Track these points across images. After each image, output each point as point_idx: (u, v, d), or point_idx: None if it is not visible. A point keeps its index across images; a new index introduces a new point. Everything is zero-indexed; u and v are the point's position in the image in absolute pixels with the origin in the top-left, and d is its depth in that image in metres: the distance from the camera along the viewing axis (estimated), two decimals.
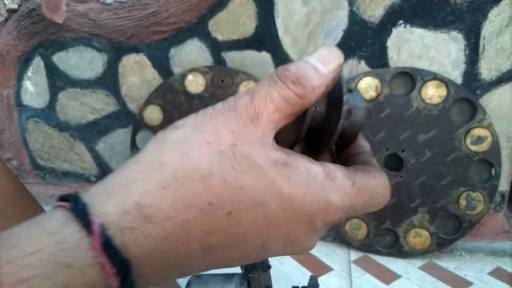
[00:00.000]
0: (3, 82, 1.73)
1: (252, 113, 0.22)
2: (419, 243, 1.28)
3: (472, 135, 1.21)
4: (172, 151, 0.22)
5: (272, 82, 0.22)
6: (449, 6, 1.20)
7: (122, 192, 0.20)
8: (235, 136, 0.22)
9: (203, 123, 0.22)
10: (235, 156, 0.21)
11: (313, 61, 0.22)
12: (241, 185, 0.21)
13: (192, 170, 0.21)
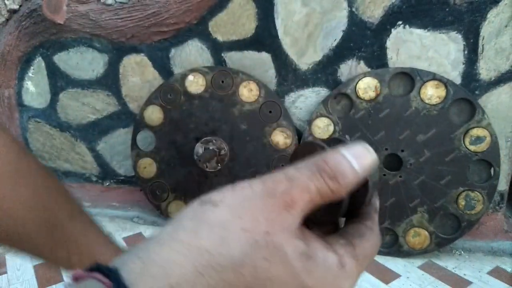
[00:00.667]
0: (4, 82, 1.73)
1: (288, 201, 0.23)
2: (418, 243, 1.28)
3: (471, 135, 1.21)
4: (211, 234, 0.22)
5: (311, 174, 0.23)
6: (448, 6, 1.20)
7: (161, 275, 0.21)
8: (270, 224, 0.22)
9: (242, 207, 0.23)
10: (267, 246, 0.22)
11: (350, 158, 0.23)
12: (269, 276, 0.22)
13: (228, 259, 0.22)
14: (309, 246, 0.23)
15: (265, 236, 0.22)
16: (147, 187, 1.53)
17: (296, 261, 0.22)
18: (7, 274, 1.30)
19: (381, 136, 1.27)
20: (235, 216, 0.22)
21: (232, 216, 0.22)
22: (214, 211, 0.23)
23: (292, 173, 0.23)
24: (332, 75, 1.36)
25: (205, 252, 0.21)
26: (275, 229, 0.22)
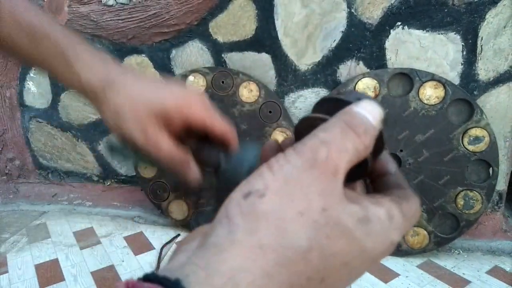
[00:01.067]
0: (6, 82, 1.74)
1: (332, 168, 0.22)
2: (417, 242, 1.29)
3: (470, 135, 1.22)
4: (269, 229, 0.21)
5: (344, 133, 0.22)
6: (447, 7, 1.21)
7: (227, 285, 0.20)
8: (323, 198, 0.21)
9: (289, 189, 0.21)
10: (327, 223, 0.21)
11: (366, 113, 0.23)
12: (334, 252, 0.21)
13: (294, 250, 0.21)
14: (362, 208, 0.22)
15: (323, 213, 0.21)
16: (148, 186, 1.54)
17: (356, 230, 0.22)
18: (8, 273, 1.31)
19: None
20: (286, 201, 0.21)
21: (284, 202, 0.21)
22: (263, 202, 0.21)
23: (324, 135, 0.22)
24: (331, 76, 1.37)
25: (269, 250, 0.20)
26: (330, 202, 0.21)
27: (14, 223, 1.67)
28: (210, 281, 0.19)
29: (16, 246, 1.48)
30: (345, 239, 0.21)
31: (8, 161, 1.87)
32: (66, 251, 1.42)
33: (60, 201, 1.83)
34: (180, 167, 0.45)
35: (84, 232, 1.56)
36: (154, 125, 0.43)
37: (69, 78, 0.47)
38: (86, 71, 0.44)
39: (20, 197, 1.87)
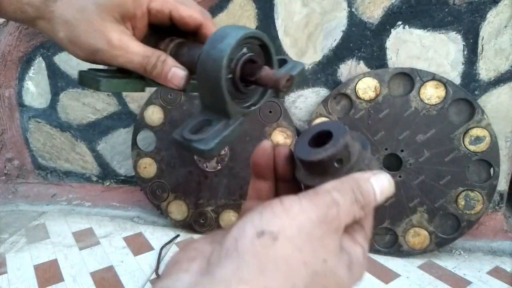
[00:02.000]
0: (4, 82, 1.74)
1: (336, 226, 0.25)
2: (418, 243, 1.28)
3: (471, 135, 1.22)
4: (276, 273, 0.22)
5: (352, 201, 0.25)
6: (448, 7, 1.21)
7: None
8: (326, 251, 0.24)
9: (301, 239, 0.23)
10: (325, 274, 0.24)
11: (377, 190, 0.27)
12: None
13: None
14: (349, 255, 0.26)
15: (323, 264, 0.24)
16: (147, 187, 1.54)
17: (345, 276, 0.25)
18: (7, 274, 1.30)
19: (381, 136, 1.27)
20: (296, 250, 0.23)
21: (294, 251, 0.23)
22: (276, 247, 0.23)
23: (337, 197, 0.25)
24: (332, 75, 1.37)
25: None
26: (330, 255, 0.24)
27: (13, 223, 1.66)
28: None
29: (15, 247, 1.47)
30: (336, 285, 0.24)
31: (7, 161, 1.86)
32: (65, 252, 1.42)
33: (59, 202, 1.82)
34: (158, 68, 0.38)
35: (83, 232, 1.56)
36: (114, 27, 0.37)
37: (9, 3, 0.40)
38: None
39: (19, 197, 1.86)
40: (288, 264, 0.22)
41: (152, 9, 0.38)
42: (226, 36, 0.32)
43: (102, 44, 0.37)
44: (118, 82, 0.39)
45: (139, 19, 0.39)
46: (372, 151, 1.30)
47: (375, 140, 1.28)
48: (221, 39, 0.32)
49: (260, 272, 0.22)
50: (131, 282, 1.21)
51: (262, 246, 0.22)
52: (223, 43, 0.31)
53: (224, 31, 0.33)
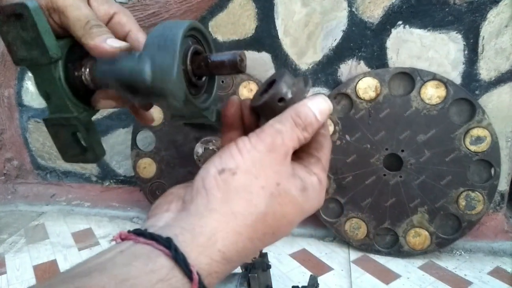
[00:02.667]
0: (4, 82, 1.73)
1: (284, 152, 0.29)
2: (419, 243, 1.28)
3: (472, 135, 1.21)
4: (240, 200, 0.27)
5: (292, 127, 0.30)
6: (448, 6, 1.20)
7: (209, 244, 0.26)
8: (278, 175, 0.28)
9: (255, 169, 0.28)
10: (280, 194, 0.28)
11: (315, 110, 0.30)
12: (284, 214, 0.29)
13: (257, 214, 0.27)
14: (302, 180, 0.30)
15: (277, 187, 0.28)
16: (146, 187, 1.53)
17: (299, 197, 0.29)
18: (7, 274, 1.30)
19: (381, 136, 1.27)
20: (253, 179, 0.28)
21: (251, 179, 0.28)
22: (235, 179, 0.28)
23: (279, 127, 0.29)
24: (332, 75, 1.36)
25: (239, 215, 0.27)
26: (282, 178, 0.29)
27: (12, 223, 1.65)
28: (195, 241, 0.25)
29: (14, 247, 1.46)
30: (291, 205, 0.29)
31: (6, 161, 1.86)
32: (65, 252, 1.41)
33: (58, 202, 1.82)
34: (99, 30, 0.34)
35: (83, 233, 1.55)
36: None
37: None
38: None
39: (18, 197, 1.86)
40: (248, 191, 0.27)
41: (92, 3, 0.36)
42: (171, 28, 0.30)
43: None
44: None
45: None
46: (373, 151, 1.29)
47: (376, 140, 1.28)
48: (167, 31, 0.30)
49: (226, 200, 0.27)
50: None
51: (224, 181, 0.27)
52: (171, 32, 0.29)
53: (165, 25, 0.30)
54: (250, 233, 0.27)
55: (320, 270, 1.24)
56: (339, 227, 1.34)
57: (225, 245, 0.26)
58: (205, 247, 0.25)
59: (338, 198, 1.34)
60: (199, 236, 0.26)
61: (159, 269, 0.24)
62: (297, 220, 0.30)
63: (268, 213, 0.28)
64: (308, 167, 0.32)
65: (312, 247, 1.37)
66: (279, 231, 0.29)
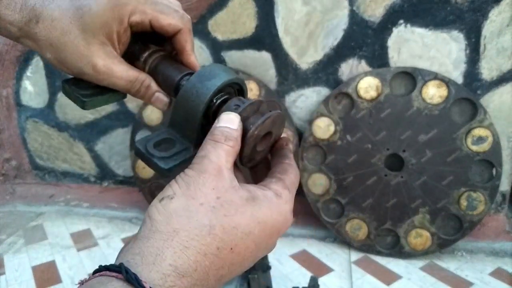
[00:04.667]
0: (2, 82, 1.72)
1: (216, 169, 0.31)
2: (420, 244, 1.27)
3: (473, 135, 1.21)
4: (180, 218, 0.29)
5: (214, 144, 0.32)
6: (450, 5, 1.20)
7: (158, 260, 0.27)
8: (216, 191, 0.30)
9: (190, 190, 0.30)
10: (222, 206, 0.29)
11: (224, 123, 0.33)
12: (234, 225, 0.29)
13: (200, 228, 0.28)
14: (250, 192, 0.31)
15: (218, 201, 0.30)
16: (145, 187, 1.52)
17: (245, 206, 0.30)
18: (5, 275, 1.29)
19: (383, 136, 1.26)
20: (190, 198, 0.29)
21: (188, 199, 0.29)
22: (173, 202, 0.30)
23: (202, 153, 0.32)
24: (333, 75, 1.35)
25: (181, 231, 0.28)
26: (221, 192, 0.30)
27: (11, 224, 1.64)
28: (145, 260, 0.27)
29: (13, 248, 1.45)
30: (239, 214, 0.29)
31: (4, 162, 1.85)
32: (63, 253, 1.40)
33: (57, 202, 1.81)
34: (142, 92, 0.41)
35: (81, 233, 1.54)
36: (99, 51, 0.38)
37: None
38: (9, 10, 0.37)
39: (17, 198, 1.85)
40: (187, 209, 0.29)
41: (132, 22, 0.39)
42: (215, 76, 0.37)
43: (88, 69, 0.38)
44: (101, 99, 0.41)
45: (122, 35, 0.40)
46: (374, 151, 1.29)
47: (377, 140, 1.27)
48: (209, 78, 0.36)
49: (167, 222, 0.29)
50: None
51: (163, 206, 0.29)
52: (211, 82, 0.36)
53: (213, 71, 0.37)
54: (198, 247, 0.28)
55: (321, 271, 1.23)
56: (339, 228, 1.34)
57: (175, 260, 0.27)
58: (155, 264, 0.27)
59: (339, 198, 1.33)
60: (148, 256, 0.27)
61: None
62: (258, 232, 0.30)
63: (215, 226, 0.29)
64: (264, 185, 0.34)
65: (313, 248, 1.37)
66: (238, 246, 0.29)
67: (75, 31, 0.38)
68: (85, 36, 0.38)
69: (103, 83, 0.39)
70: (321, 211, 1.35)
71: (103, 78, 0.38)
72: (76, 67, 0.38)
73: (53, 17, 0.38)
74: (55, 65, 0.39)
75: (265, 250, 0.32)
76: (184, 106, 0.36)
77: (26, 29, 0.37)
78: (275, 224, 0.32)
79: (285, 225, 0.33)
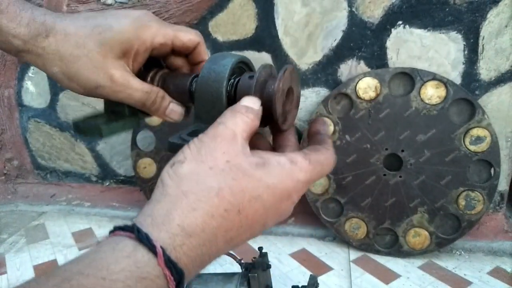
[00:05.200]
0: (4, 82, 1.73)
1: (230, 135, 0.31)
2: (419, 243, 1.28)
3: (471, 135, 1.21)
4: (189, 182, 0.30)
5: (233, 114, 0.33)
6: (448, 6, 1.20)
7: (167, 221, 0.28)
8: (226, 155, 0.30)
9: (201, 155, 0.31)
10: (231, 169, 0.30)
11: (246, 103, 0.34)
12: (242, 188, 0.30)
13: (208, 190, 0.29)
14: (262, 158, 0.32)
15: (227, 164, 0.30)
16: (147, 187, 1.53)
17: (254, 170, 0.30)
18: (7, 274, 1.30)
19: (381, 136, 1.27)
20: (199, 162, 0.30)
21: (198, 164, 0.30)
22: (183, 167, 0.30)
23: (220, 120, 0.33)
24: (332, 75, 1.36)
25: (190, 194, 0.29)
26: (231, 156, 0.30)
27: (13, 223, 1.66)
28: (155, 221, 0.28)
29: (14, 247, 1.47)
30: (248, 178, 0.30)
31: (6, 161, 1.86)
32: (65, 252, 1.41)
33: (58, 202, 1.82)
34: (157, 104, 0.42)
35: (83, 233, 1.55)
36: (116, 64, 0.38)
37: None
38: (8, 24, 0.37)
39: (19, 197, 1.86)
40: (196, 173, 0.30)
41: (156, 44, 0.41)
42: (225, 57, 0.38)
43: (104, 80, 0.39)
44: (117, 126, 0.43)
45: (141, 54, 0.42)
46: (373, 151, 1.29)
47: (376, 140, 1.28)
48: (221, 58, 0.38)
49: (177, 186, 0.30)
50: None
51: (174, 171, 0.30)
52: (225, 60, 0.38)
53: (222, 55, 0.39)
54: (206, 208, 0.29)
55: (320, 270, 1.24)
56: (339, 227, 1.35)
57: (183, 221, 0.28)
58: (164, 224, 0.28)
59: (338, 198, 1.34)
60: (157, 217, 0.28)
61: (123, 248, 0.27)
62: (267, 197, 0.31)
63: (223, 189, 0.29)
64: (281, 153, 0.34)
65: (312, 247, 1.38)
66: (244, 209, 0.30)
67: (91, 45, 0.38)
68: (101, 50, 0.38)
69: (119, 95, 0.39)
70: (320, 210, 1.36)
71: (120, 89, 0.38)
72: (90, 80, 0.38)
73: (66, 32, 0.38)
74: (60, 80, 0.39)
75: (276, 216, 0.33)
76: (206, 90, 0.37)
77: (32, 43, 0.37)
78: (286, 189, 0.32)
79: (297, 192, 0.33)
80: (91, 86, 0.39)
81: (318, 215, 1.36)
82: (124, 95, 0.40)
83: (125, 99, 0.41)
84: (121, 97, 0.40)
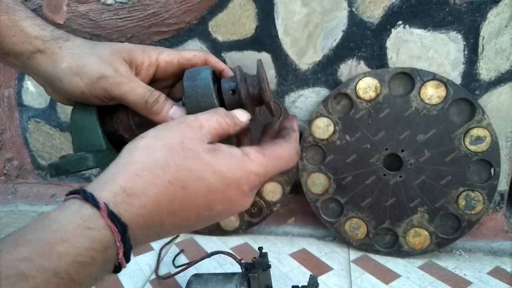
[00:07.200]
0: (4, 82, 1.73)
1: (196, 125, 0.35)
2: (419, 243, 1.28)
3: (471, 135, 1.21)
4: (140, 153, 0.34)
5: (213, 112, 0.36)
6: (448, 6, 1.20)
7: (111, 182, 0.32)
8: (182, 137, 0.34)
9: (160, 133, 0.34)
10: (183, 150, 0.33)
11: (236, 113, 0.38)
12: (189, 167, 0.33)
13: (155, 162, 0.33)
14: (217, 146, 0.35)
15: (180, 144, 0.33)
16: None
17: (205, 154, 0.34)
18: None
19: (381, 136, 1.27)
20: (156, 139, 0.34)
21: (154, 140, 0.34)
22: (141, 141, 0.35)
23: (199, 115, 0.36)
24: (332, 75, 1.36)
25: (137, 163, 0.33)
26: (187, 138, 0.34)
27: (13, 223, 1.65)
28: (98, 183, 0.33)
29: None
30: (197, 160, 0.33)
31: (6, 161, 1.86)
32: None
33: (58, 202, 1.82)
34: (160, 103, 0.48)
35: None
36: (123, 63, 0.46)
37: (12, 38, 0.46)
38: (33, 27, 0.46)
39: (19, 197, 1.86)
40: (149, 147, 0.33)
41: (161, 61, 0.48)
42: (200, 71, 0.43)
43: (109, 71, 0.46)
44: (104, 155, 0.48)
45: (145, 69, 0.47)
46: (373, 151, 1.29)
47: (375, 140, 1.28)
48: (197, 74, 0.43)
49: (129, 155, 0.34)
50: (131, 283, 1.20)
51: (134, 144, 0.34)
52: (201, 74, 0.42)
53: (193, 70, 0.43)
54: (149, 176, 0.32)
55: (320, 269, 1.24)
56: (339, 227, 1.35)
57: (126, 184, 0.32)
58: (107, 185, 0.32)
59: (338, 198, 1.34)
60: (103, 179, 0.33)
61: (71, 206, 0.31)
62: (213, 180, 0.33)
63: (170, 164, 0.33)
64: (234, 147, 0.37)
65: (312, 247, 1.38)
66: (189, 186, 0.33)
67: (103, 46, 0.45)
68: (111, 52, 0.44)
69: (122, 88, 0.44)
70: (320, 210, 1.36)
71: (124, 81, 0.44)
72: (94, 70, 0.44)
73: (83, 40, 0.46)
74: (65, 76, 0.45)
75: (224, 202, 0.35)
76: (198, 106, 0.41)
77: (51, 43, 0.46)
78: (234, 177, 0.34)
79: (249, 183, 0.35)
80: (95, 76, 0.45)
81: (318, 215, 1.36)
82: (127, 87, 0.45)
83: (127, 92, 0.45)
84: (124, 90, 0.44)
